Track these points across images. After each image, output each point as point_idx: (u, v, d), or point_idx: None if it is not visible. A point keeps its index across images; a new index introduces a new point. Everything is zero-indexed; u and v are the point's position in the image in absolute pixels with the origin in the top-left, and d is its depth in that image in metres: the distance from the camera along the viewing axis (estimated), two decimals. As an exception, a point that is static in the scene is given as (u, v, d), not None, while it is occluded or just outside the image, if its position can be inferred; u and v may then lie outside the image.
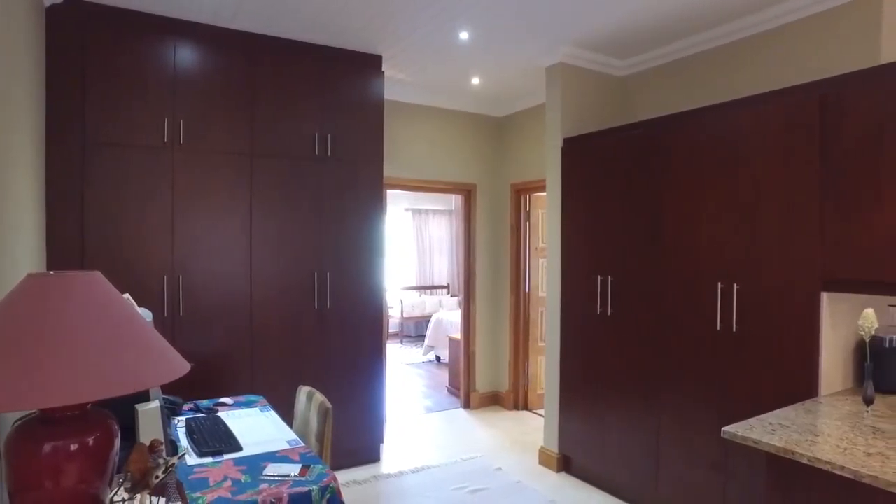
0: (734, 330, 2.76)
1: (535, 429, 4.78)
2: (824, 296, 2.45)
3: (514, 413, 5.35)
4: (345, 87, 3.87)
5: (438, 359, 7.94)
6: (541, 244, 5.33)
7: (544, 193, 4.36)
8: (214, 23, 3.46)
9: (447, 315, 7.71)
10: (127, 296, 1.88)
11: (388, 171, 4.86)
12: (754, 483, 2.68)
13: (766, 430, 2.00)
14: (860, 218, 2.31)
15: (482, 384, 5.55)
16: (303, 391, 2.69)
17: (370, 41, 3.79)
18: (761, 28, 3.29)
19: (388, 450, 4.35)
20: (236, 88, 3.51)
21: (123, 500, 1.23)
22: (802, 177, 2.49)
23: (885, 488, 1.60)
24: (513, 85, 4.76)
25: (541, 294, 5.33)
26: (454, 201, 9.64)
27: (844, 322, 2.55)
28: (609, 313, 3.46)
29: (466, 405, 5.51)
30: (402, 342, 9.47)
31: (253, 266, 3.56)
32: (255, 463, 2.01)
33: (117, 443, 1.17)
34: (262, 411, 2.66)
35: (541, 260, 5.33)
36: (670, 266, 3.08)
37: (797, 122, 2.51)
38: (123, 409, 1.81)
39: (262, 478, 1.88)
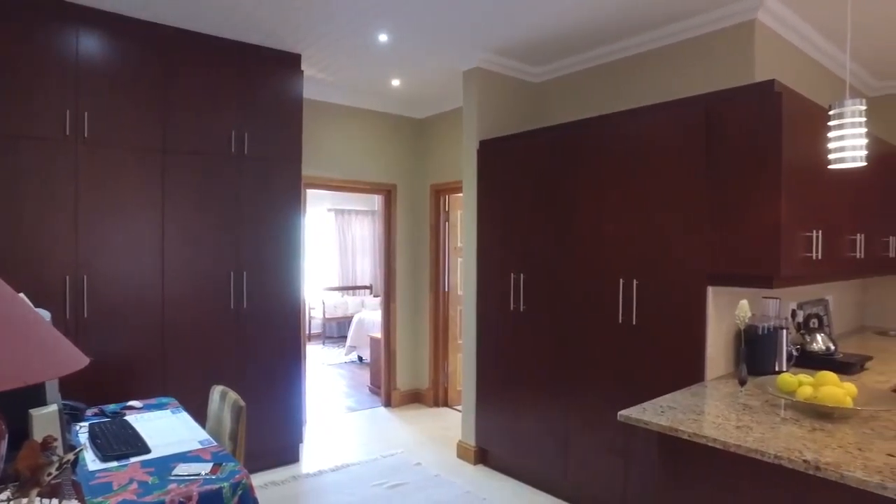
0: (634, 323, 2.98)
1: (454, 424, 4.90)
2: (710, 289, 2.70)
3: (434, 410, 5.45)
4: (263, 84, 3.82)
5: (361, 359, 7.92)
6: (459, 244, 5.45)
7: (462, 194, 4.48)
8: (122, 11, 3.32)
9: (369, 315, 7.71)
10: (21, 295, 1.80)
11: (309, 170, 4.83)
12: (651, 463, 2.90)
13: (657, 411, 2.19)
14: (739, 218, 2.57)
15: (403, 382, 5.61)
16: (216, 391, 2.65)
17: (288, 39, 3.76)
18: (659, 44, 3.56)
19: (307, 450, 4.33)
20: (147, 82, 3.38)
21: (9, 500, 1.17)
22: (692, 181, 2.74)
23: (745, 454, 1.82)
24: (433, 87, 4.86)
25: (460, 293, 5.44)
26: (377, 202, 9.64)
27: (726, 313, 2.82)
28: (522, 310, 3.62)
29: (388, 403, 5.55)
30: (324, 343, 9.37)
31: (166, 265, 3.45)
32: (164, 464, 1.97)
33: (3, 445, 1.13)
34: (173, 413, 2.59)
35: (459, 259, 5.45)
36: (578, 263, 3.28)
37: (687, 131, 2.75)
38: (18, 415, 1.74)
39: (171, 478, 1.85)
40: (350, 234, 10.22)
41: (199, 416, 2.96)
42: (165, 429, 2.36)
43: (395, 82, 4.71)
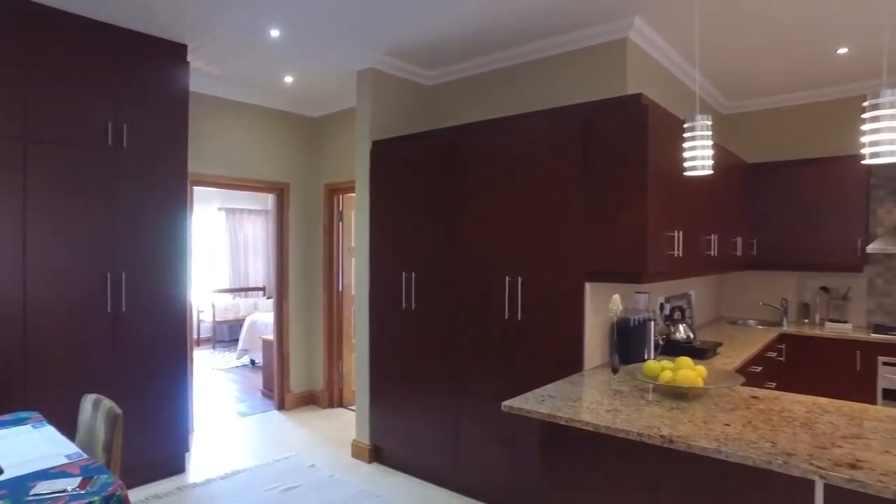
0: (519, 318, 3.14)
1: (349, 424, 4.88)
2: (587, 285, 2.91)
3: (329, 411, 5.39)
4: (145, 74, 3.60)
5: (253, 362, 7.65)
6: (353, 244, 5.43)
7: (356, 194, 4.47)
8: (-27, -14, 3.00)
9: (262, 317, 7.46)
10: None
11: (196, 167, 4.61)
12: (536, 450, 3.08)
13: (538, 400, 2.34)
14: (612, 220, 2.80)
15: (297, 384, 5.50)
16: (88, 399, 2.47)
17: (173, 28, 3.57)
18: (544, 54, 3.77)
19: (195, 459, 4.13)
20: (4, 61, 3.07)
21: None
22: (570, 183, 2.93)
23: (614, 434, 1.99)
24: (327, 86, 4.81)
25: (354, 292, 5.43)
26: (270, 201, 9.34)
27: (602, 307, 3.05)
28: (413, 308, 3.69)
29: (281, 406, 5.42)
30: (214, 347, 8.94)
31: (28, 267, 3.15)
32: (21, 484, 1.81)
33: None
34: (35, 428, 2.39)
35: (353, 259, 5.43)
36: (467, 262, 3.40)
37: (567, 138, 2.95)
38: None
39: (28, 499, 1.71)
40: (242, 233, 9.82)
41: (69, 427, 2.75)
42: (23, 446, 2.17)
43: (289, 79, 4.61)
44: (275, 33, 3.63)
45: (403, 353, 3.78)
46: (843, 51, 3.91)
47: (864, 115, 2.06)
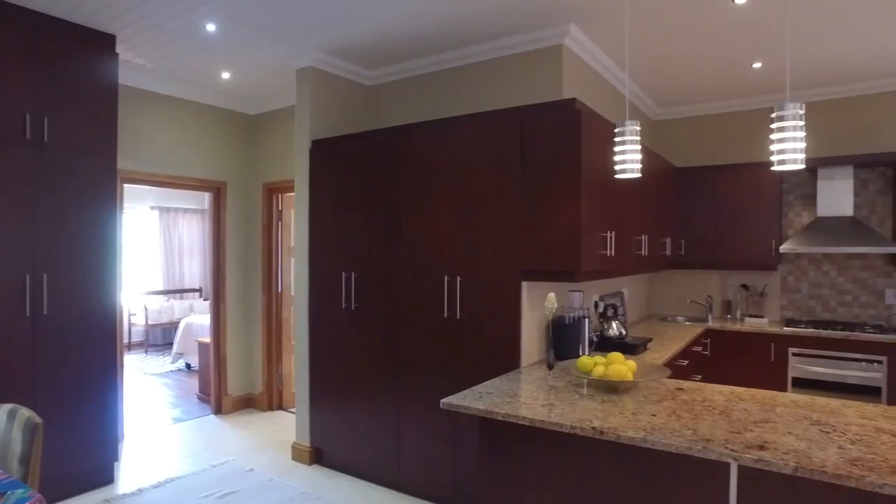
0: (458, 317, 3.19)
1: (289, 427, 4.81)
2: (524, 284, 2.99)
3: (268, 414, 5.29)
4: (68, 64, 3.43)
5: (189, 366, 7.40)
6: (292, 244, 5.36)
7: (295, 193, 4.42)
8: None
9: (199, 319, 7.23)
10: None
11: (128, 164, 4.43)
12: (475, 447, 3.14)
13: (476, 397, 2.39)
14: (547, 220, 2.89)
15: (235, 387, 5.37)
16: (3, 410, 2.34)
17: (99, 16, 3.42)
18: (483, 58, 3.85)
19: (125, 468, 3.97)
20: None
21: None
22: (508, 184, 3.01)
23: (549, 427, 2.07)
24: (266, 83, 4.72)
25: (293, 293, 5.36)
26: (206, 200, 9.06)
27: (538, 305, 3.15)
28: (354, 308, 3.69)
29: (218, 411, 5.28)
30: (147, 351, 8.59)
31: (-65, 268, 2.94)
32: (-66, 496, 1.71)
33: None
34: (-53, 439, 2.24)
35: (293, 259, 5.36)
36: (407, 262, 3.43)
37: (505, 140, 3.03)
38: None
39: (-56, 510, 1.62)
40: (176, 233, 9.47)
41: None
42: (-63, 456, 2.04)
43: (226, 75, 4.50)
44: (211, 27, 3.54)
45: (344, 354, 3.77)
46: (757, 65, 4.18)
47: (772, 126, 2.22)
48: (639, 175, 2.58)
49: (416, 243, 3.39)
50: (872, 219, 4.72)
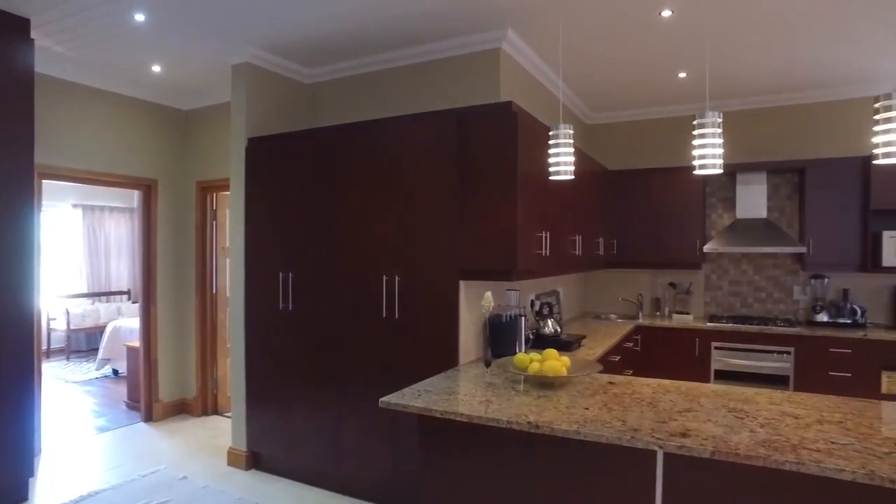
0: (397, 316, 3.21)
1: (225, 431, 4.68)
2: (462, 283, 3.04)
3: (203, 419, 5.13)
4: (-23, 52, 3.21)
5: (116, 372, 7.06)
6: (228, 244, 5.23)
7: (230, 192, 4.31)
8: None
9: (127, 323, 6.91)
10: None
11: (47, 158, 4.19)
12: (414, 444, 3.16)
13: (414, 395, 2.42)
14: (484, 220, 2.96)
15: (167, 393, 5.17)
16: None
17: None
18: (422, 59, 3.88)
19: (41, 484, 3.74)
20: None
21: None
22: (445, 185, 3.06)
23: (486, 423, 2.12)
24: (199, 78, 4.58)
25: (229, 294, 5.22)
26: (135, 198, 8.66)
27: (476, 304, 3.21)
28: (291, 308, 3.64)
29: (149, 418, 5.06)
30: (68, 358, 8.11)
31: None
32: None
33: None
34: None
35: (228, 260, 5.22)
36: (345, 262, 3.41)
37: (442, 141, 3.07)
38: None
39: None
40: (102, 233, 9.00)
41: None
42: None
43: (156, 68, 4.33)
44: (139, 17, 3.40)
45: (281, 355, 3.71)
46: (682, 75, 4.42)
47: (694, 133, 2.37)
48: (572, 177, 2.69)
49: (354, 243, 3.38)
50: (783, 221, 5.07)
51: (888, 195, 4.41)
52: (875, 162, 2.15)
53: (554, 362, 2.55)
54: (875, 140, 2.10)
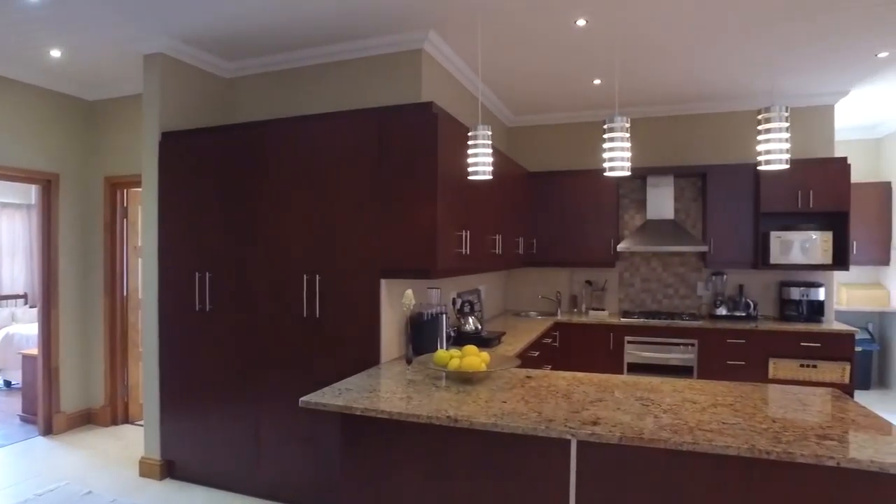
0: (318, 316, 3.18)
1: (137, 441, 4.44)
2: (383, 282, 3.06)
3: (112, 429, 4.84)
4: None
5: (8, 384, 6.51)
6: (140, 243, 4.97)
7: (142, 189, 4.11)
8: None
9: (22, 329, 6.40)
10: None
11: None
12: (337, 444, 3.15)
13: (335, 394, 2.41)
14: (405, 219, 2.99)
15: (70, 403, 4.84)
16: None
17: None
18: (345, 56, 3.86)
19: (-76, 504, 3.42)
20: None
21: None
22: (366, 184, 3.06)
23: (406, 419, 2.15)
24: (107, 67, 4.32)
25: (141, 296, 4.97)
26: (34, 193, 8.04)
27: (398, 303, 3.23)
28: (208, 309, 3.52)
29: (48, 431, 4.72)
30: (-47, 370, 7.39)
31: None
32: None
33: None
34: None
35: (141, 259, 4.96)
36: (265, 261, 3.34)
37: (364, 139, 3.07)
38: None
39: None
40: (-6, 232, 8.28)
41: None
42: None
43: (56, 53, 4.04)
44: None
45: (198, 358, 3.57)
46: (597, 82, 4.64)
47: (604, 136, 2.51)
48: (490, 177, 2.77)
49: (274, 242, 3.31)
50: (688, 221, 5.44)
51: (774, 199, 4.83)
52: (759, 168, 2.36)
53: (473, 358, 2.62)
54: (758, 148, 2.31)
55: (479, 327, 3.76)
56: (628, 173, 2.55)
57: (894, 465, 1.66)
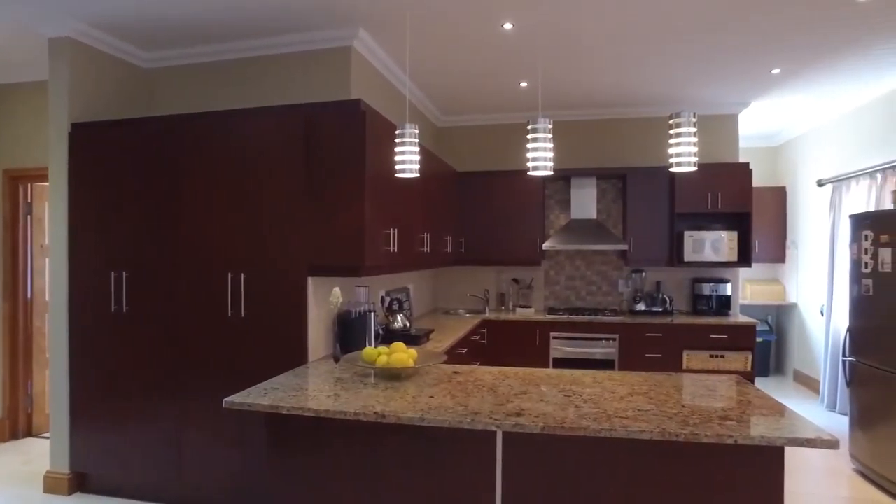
0: (243, 315, 3.09)
1: (42, 455, 4.14)
2: (310, 280, 3.02)
3: (13, 444, 4.48)
4: None
5: None
6: (47, 241, 4.64)
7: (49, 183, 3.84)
8: None
9: None
10: None
11: None
12: (263, 445, 3.07)
13: (260, 394, 2.36)
14: (333, 216, 2.96)
15: (-36, 416, 4.45)
16: None
17: None
18: (272, 51, 3.78)
19: None
20: None
21: None
22: (294, 181, 3.01)
23: (334, 416, 2.13)
24: (6, 49, 4.00)
25: (48, 298, 4.64)
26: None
27: (326, 301, 3.20)
28: (126, 311, 3.34)
29: (-63, 447, 4.32)
30: None
31: None
32: None
33: None
34: None
35: (48, 259, 4.64)
36: (187, 259, 3.21)
37: (291, 136, 3.01)
38: None
39: None
40: None
41: None
42: None
43: (-55, 35, 3.71)
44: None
45: (114, 363, 3.38)
46: (524, 84, 4.78)
47: (528, 137, 2.59)
48: (417, 175, 2.79)
49: (197, 240, 3.19)
50: (609, 221, 5.69)
51: (686, 200, 5.15)
52: (671, 170, 2.52)
53: (401, 355, 2.63)
54: (670, 151, 2.46)
55: (408, 325, 3.78)
56: (551, 173, 2.65)
57: (779, 438, 1.83)
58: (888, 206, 4.47)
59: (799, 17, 3.42)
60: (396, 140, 2.72)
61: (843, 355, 4.08)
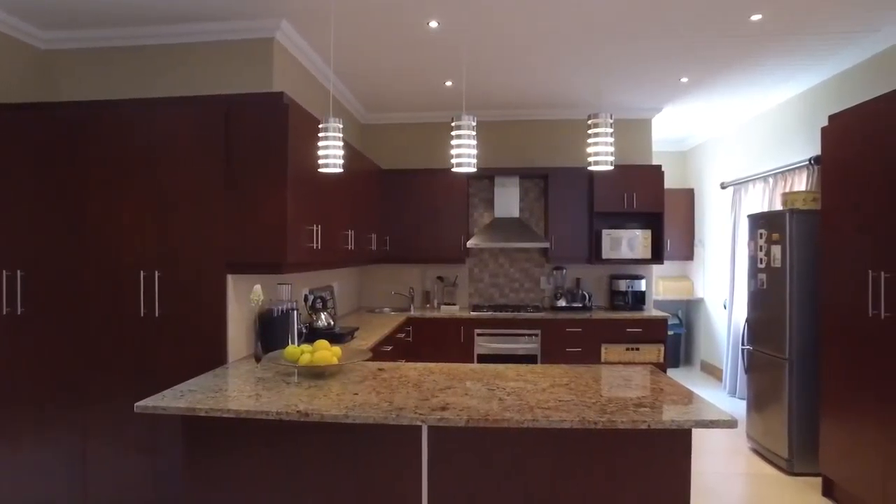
0: (157, 315, 2.93)
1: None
2: (230, 277, 2.90)
3: None
4: None
5: None
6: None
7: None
8: None
9: None
10: None
11: None
12: (178, 451, 2.92)
13: (176, 396, 2.24)
14: (254, 212, 2.86)
15: None
16: None
17: None
18: (188, 39, 3.59)
19: None
20: None
21: None
22: (212, 175, 2.88)
23: (255, 417, 2.07)
24: None
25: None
26: None
27: (246, 299, 3.08)
28: (20, 313, 3.06)
29: None
30: None
31: None
32: None
33: None
34: None
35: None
36: (94, 256, 2.99)
37: (209, 127, 2.88)
38: None
39: None
40: None
41: None
42: None
43: None
44: None
45: (6, 372, 3.10)
46: (449, 83, 4.82)
47: (452, 133, 2.62)
48: (341, 170, 2.75)
49: (105, 236, 2.98)
50: (532, 220, 5.85)
51: (604, 199, 5.39)
52: (590, 168, 2.62)
53: (325, 352, 2.59)
54: (588, 150, 2.57)
55: (332, 323, 3.72)
56: (475, 170, 2.69)
57: (687, 421, 1.97)
58: (779, 207, 4.88)
59: (702, 31, 3.67)
60: (320, 134, 2.67)
61: (742, 344, 4.41)
